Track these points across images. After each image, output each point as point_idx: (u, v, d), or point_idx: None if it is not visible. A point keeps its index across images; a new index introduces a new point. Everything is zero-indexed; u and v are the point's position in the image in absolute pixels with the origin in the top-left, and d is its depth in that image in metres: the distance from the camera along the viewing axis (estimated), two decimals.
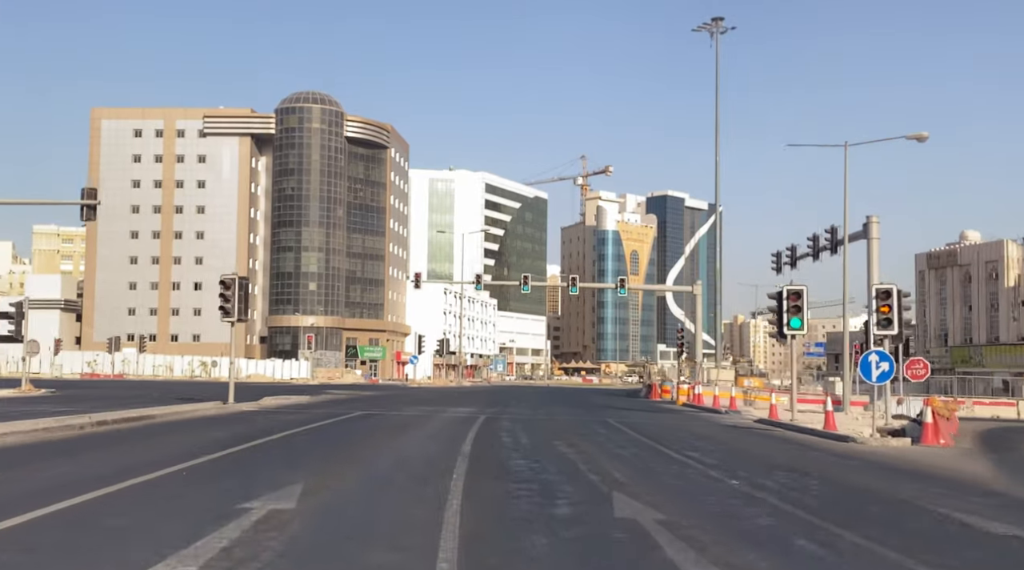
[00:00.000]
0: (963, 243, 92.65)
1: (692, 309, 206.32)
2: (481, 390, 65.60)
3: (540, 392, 61.57)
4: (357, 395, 47.38)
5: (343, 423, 24.13)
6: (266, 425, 21.80)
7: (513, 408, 34.76)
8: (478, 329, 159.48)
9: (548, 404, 40.24)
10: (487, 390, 66.12)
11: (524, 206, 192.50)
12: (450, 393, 55.45)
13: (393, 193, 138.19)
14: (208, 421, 23.10)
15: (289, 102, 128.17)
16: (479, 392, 59.55)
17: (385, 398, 44.31)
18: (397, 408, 32.43)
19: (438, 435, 20.86)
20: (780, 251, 51.67)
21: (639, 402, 44.22)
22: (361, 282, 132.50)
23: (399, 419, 25.93)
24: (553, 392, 64.90)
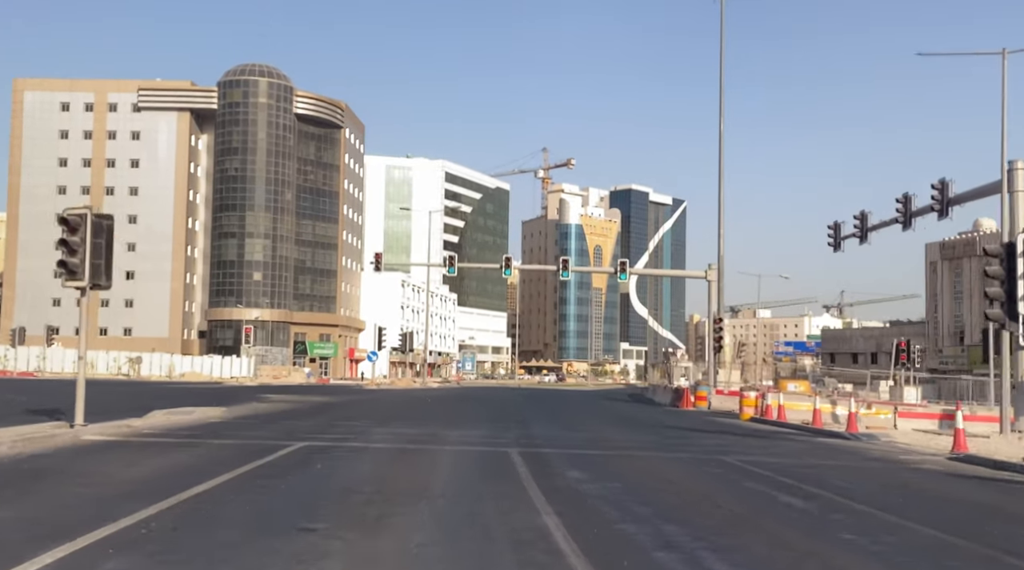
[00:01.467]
0: (978, 232, 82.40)
1: (655, 307, 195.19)
2: (455, 394, 53.25)
3: (527, 397, 49.47)
4: (301, 402, 34.89)
5: (241, 491, 11.30)
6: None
7: (538, 428, 22.61)
8: (437, 325, 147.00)
9: (575, 420, 28.03)
10: (461, 394, 53.80)
11: (485, 197, 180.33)
12: (420, 398, 43.12)
13: (347, 177, 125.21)
14: None
15: (233, 75, 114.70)
16: (455, 397, 47.28)
17: (339, 407, 31.97)
18: (362, 432, 20.05)
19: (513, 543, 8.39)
20: (838, 222, 40.34)
21: (682, 416, 32.17)
22: (311, 272, 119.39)
23: (372, 468, 13.56)
24: (541, 397, 52.91)
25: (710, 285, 52.06)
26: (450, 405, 35.50)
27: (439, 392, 56.18)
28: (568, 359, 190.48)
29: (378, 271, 53.90)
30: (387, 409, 31.00)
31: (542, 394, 56.27)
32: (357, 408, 31.22)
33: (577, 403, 42.78)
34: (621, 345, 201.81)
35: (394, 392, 54.29)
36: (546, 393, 60.98)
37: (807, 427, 25.25)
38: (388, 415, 26.99)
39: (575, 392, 71.84)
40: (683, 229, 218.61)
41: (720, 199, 53.67)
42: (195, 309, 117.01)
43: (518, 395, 53.10)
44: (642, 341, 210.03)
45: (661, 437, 21.17)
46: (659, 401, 43.28)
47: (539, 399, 47.24)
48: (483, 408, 33.73)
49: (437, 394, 51.60)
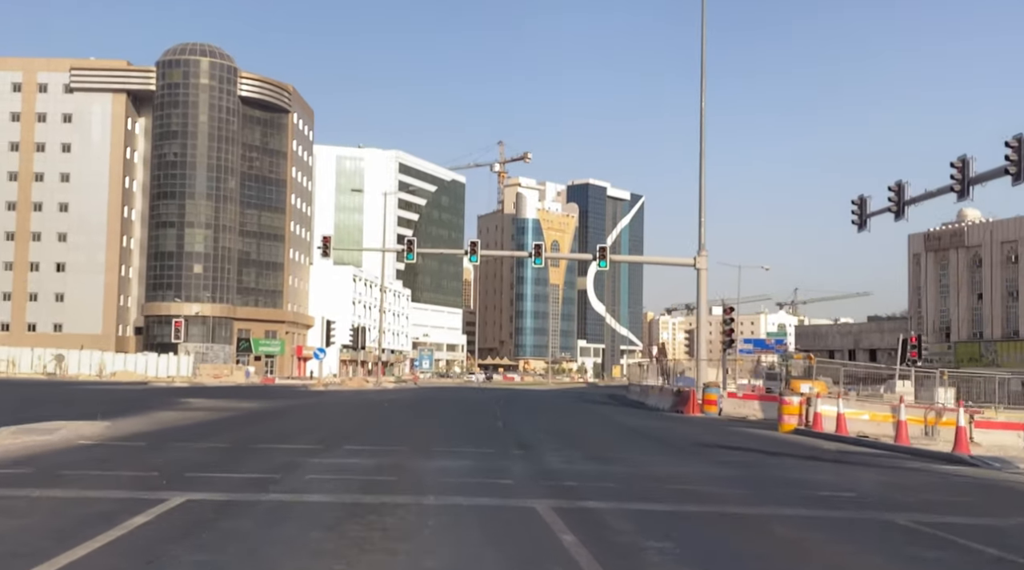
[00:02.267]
0: (962, 223, 77.58)
1: (613, 304, 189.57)
2: (414, 396, 46.31)
3: (500, 400, 42.75)
4: (228, 410, 27.92)
5: None
6: None
7: (549, 455, 15.82)
8: (390, 322, 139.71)
9: (585, 437, 21.34)
10: (421, 396, 46.91)
11: (441, 189, 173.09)
12: (375, 402, 36.34)
13: (295, 165, 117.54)
14: None
15: (173, 54, 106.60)
16: (416, 400, 40.45)
17: (273, 417, 25.14)
18: (291, 465, 13.23)
19: None
20: (864, 196, 34.29)
21: (702, 426, 25.68)
22: (256, 265, 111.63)
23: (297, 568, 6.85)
24: (515, 399, 46.35)
25: (699, 273, 45.74)
26: (413, 413, 28.73)
27: (395, 394, 49.32)
28: (525, 357, 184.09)
29: (326, 256, 46.91)
30: (334, 420, 24.23)
31: (513, 396, 49.64)
32: (295, 419, 24.37)
33: (562, 409, 36.21)
34: (578, 343, 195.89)
35: (344, 394, 47.32)
36: (517, 394, 54.41)
37: (886, 444, 19.03)
38: (334, 431, 20.24)
39: (544, 393, 65.34)
40: (641, 224, 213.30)
41: (701, 186, 47.52)
42: (131, 304, 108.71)
43: (487, 397, 46.45)
44: (599, 339, 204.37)
45: (725, 467, 14.69)
46: (654, 405, 36.87)
47: (516, 403, 40.62)
48: (455, 417, 26.98)
49: (394, 396, 44.78)
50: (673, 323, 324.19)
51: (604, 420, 28.20)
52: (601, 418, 29.24)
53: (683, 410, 31.39)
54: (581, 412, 33.80)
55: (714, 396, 30.49)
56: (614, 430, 23.57)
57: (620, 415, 31.76)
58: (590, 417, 30.29)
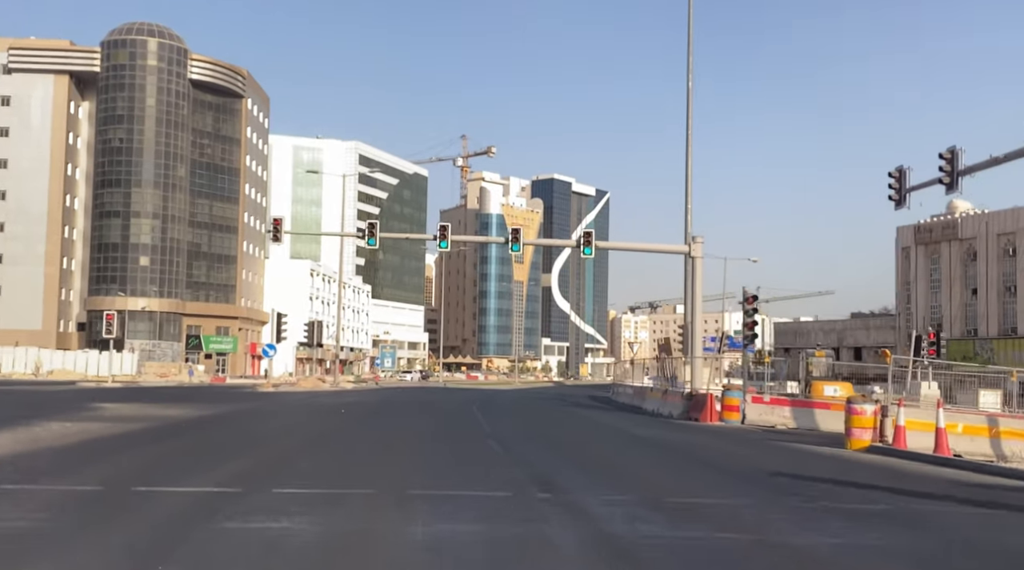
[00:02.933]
0: (954, 215, 73.41)
1: (578, 301, 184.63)
2: (377, 399, 40.44)
3: (480, 403, 37.27)
4: (145, 419, 22.14)
5: None
6: None
7: (584, 492, 10.38)
8: (349, 318, 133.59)
9: (607, 459, 15.89)
10: (385, 399, 41.07)
11: (402, 183, 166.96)
12: (330, 408, 30.71)
13: (250, 153, 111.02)
14: None
15: (119, 34, 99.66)
16: (379, 405, 34.80)
17: (198, 428, 19.49)
18: (183, 535, 7.60)
19: None
20: (903, 167, 29.22)
21: (737, 440, 20.27)
22: (207, 258, 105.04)
23: None
24: (492, 401, 40.97)
25: (693, 262, 40.55)
26: (377, 424, 23.05)
27: (354, 396, 43.54)
28: (488, 355, 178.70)
29: (277, 241, 41.12)
30: (273, 436, 18.58)
31: (488, 398, 44.08)
32: (223, 434, 18.73)
33: (553, 416, 30.65)
34: (543, 341, 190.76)
35: (295, 396, 41.50)
36: (489, 396, 48.83)
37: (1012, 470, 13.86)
38: (268, 455, 14.64)
39: (517, 394, 59.84)
40: (606, 221, 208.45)
41: (688, 169, 42.50)
42: (73, 298, 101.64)
43: (460, 400, 40.90)
44: (563, 337, 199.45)
45: (871, 527, 9.35)
46: (656, 410, 31.42)
47: (494, 407, 35.12)
48: (431, 430, 21.31)
49: (352, 399, 39.04)
50: (636, 321, 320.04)
51: (614, 432, 22.79)
52: (609, 429, 23.84)
53: (698, 417, 26.14)
54: (577, 420, 28.39)
55: (736, 401, 25.28)
56: (640, 447, 18.16)
57: (624, 423, 26.47)
58: (594, 427, 24.90)
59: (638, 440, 19.75)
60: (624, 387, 44.03)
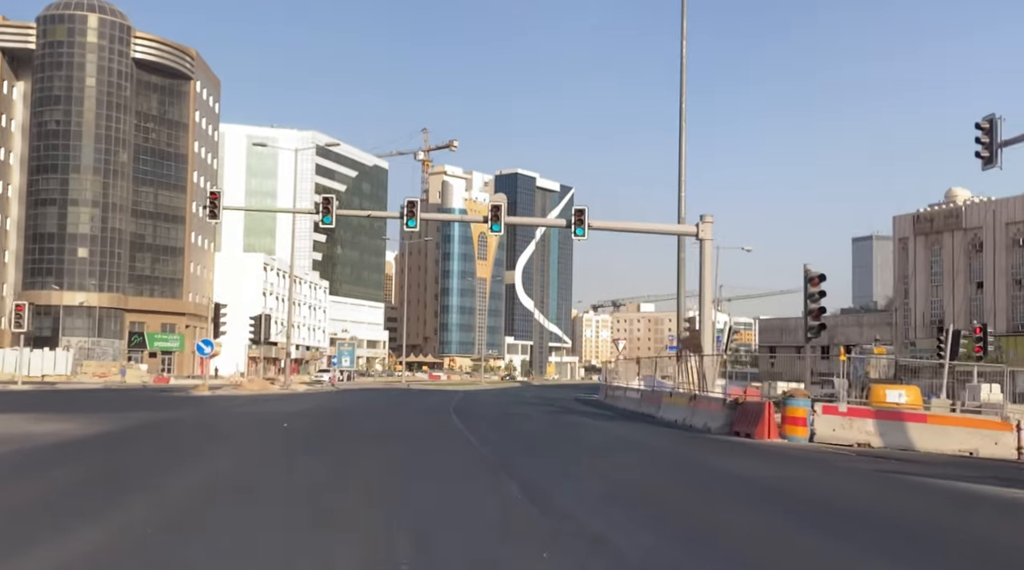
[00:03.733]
0: (953, 203, 68.38)
1: (542, 299, 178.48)
2: (333, 407, 33.79)
3: (460, 412, 30.81)
4: (15, 440, 15.58)
5: None
6: None
7: None
8: (306, 315, 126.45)
9: (671, 506, 9.64)
10: (343, 407, 34.46)
11: (361, 175, 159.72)
12: (270, 420, 24.25)
13: (198, 138, 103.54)
14: None
15: (56, 8, 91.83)
16: (335, 415, 28.33)
17: (53, 463, 13.10)
18: None
19: None
20: (994, 117, 23.41)
21: (853, 475, 14.12)
22: (152, 250, 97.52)
23: None
24: (470, 407, 34.69)
25: (702, 245, 34.85)
26: (330, 451, 16.55)
27: (306, 401, 36.88)
28: (450, 354, 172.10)
29: (214, 218, 34.74)
30: (164, 477, 12.08)
31: (464, 405, 37.68)
32: (84, 473, 12.28)
33: (565, 431, 24.22)
34: (506, 339, 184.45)
35: (234, 403, 34.78)
36: (465, 400, 42.52)
37: None
38: (130, 529, 8.24)
39: (491, 396, 53.42)
40: (571, 216, 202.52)
41: (682, 144, 36.86)
42: (6, 291, 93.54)
43: (433, 407, 34.51)
44: (527, 335, 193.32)
45: None
46: (687, 422, 24.63)
47: (478, 416, 28.78)
48: (415, 463, 14.77)
49: (303, 406, 32.50)
50: (597, 320, 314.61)
51: (674, 461, 16.35)
52: (663, 456, 17.37)
53: (751, 432, 19.93)
54: (600, 437, 21.86)
55: (802, 412, 19.16)
56: (735, 492, 11.92)
57: (660, 441, 20.33)
58: (636, 451, 18.44)
59: (721, 476, 13.52)
60: (623, 390, 38.00)
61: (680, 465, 15.39)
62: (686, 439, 20.55)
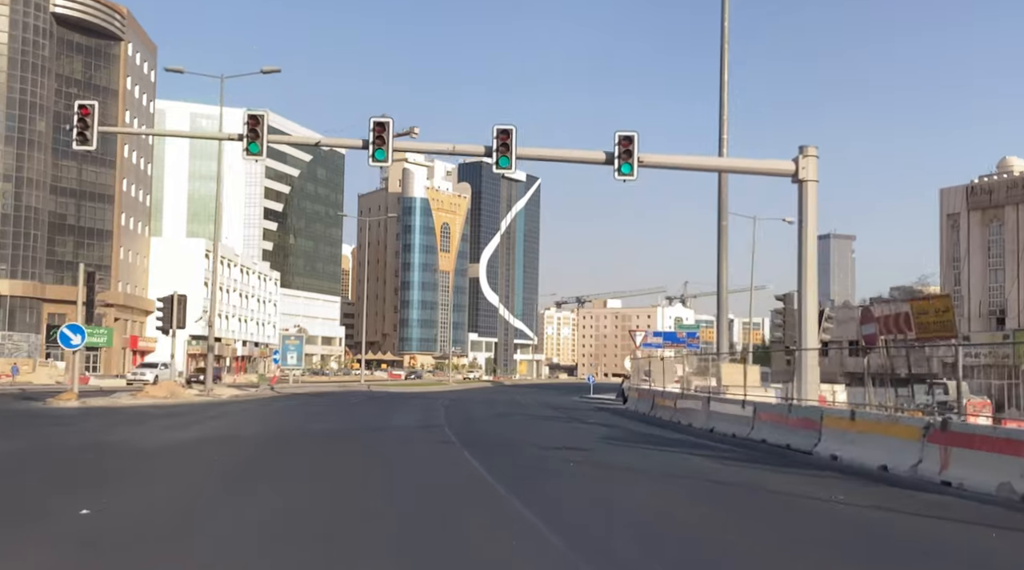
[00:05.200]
0: (1008, 174, 58.63)
1: (507, 294, 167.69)
2: (275, 428, 22.22)
3: (457, 430, 19.83)
4: None
5: None
6: None
7: None
8: (254, 309, 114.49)
9: None
10: (287, 424, 23.04)
11: (316, 159, 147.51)
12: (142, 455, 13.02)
13: (130, 108, 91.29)
14: None
15: None
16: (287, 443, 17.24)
17: None
18: None
19: None
20: None
21: None
22: (75, 233, 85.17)
23: None
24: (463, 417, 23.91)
25: (803, 188, 23.79)
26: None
27: (221, 421, 24.89)
28: (411, 351, 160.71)
29: (85, 144, 23.43)
30: None
31: (457, 414, 26.70)
32: None
33: (598, 464, 13.50)
34: (470, 336, 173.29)
35: (86, 423, 23.10)
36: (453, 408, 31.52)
37: None
38: None
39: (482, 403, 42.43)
40: (537, 208, 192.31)
41: (723, 78, 26.62)
42: None
43: (412, 423, 23.30)
44: (492, 332, 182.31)
45: None
46: (834, 455, 14.07)
47: (506, 448, 17.28)
48: None
49: (209, 431, 21.10)
50: (558, 317, 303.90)
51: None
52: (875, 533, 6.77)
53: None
54: (663, 476, 11.29)
55: None
56: None
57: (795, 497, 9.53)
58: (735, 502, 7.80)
59: None
60: (661, 395, 27.34)
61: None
62: (862, 490, 10.03)
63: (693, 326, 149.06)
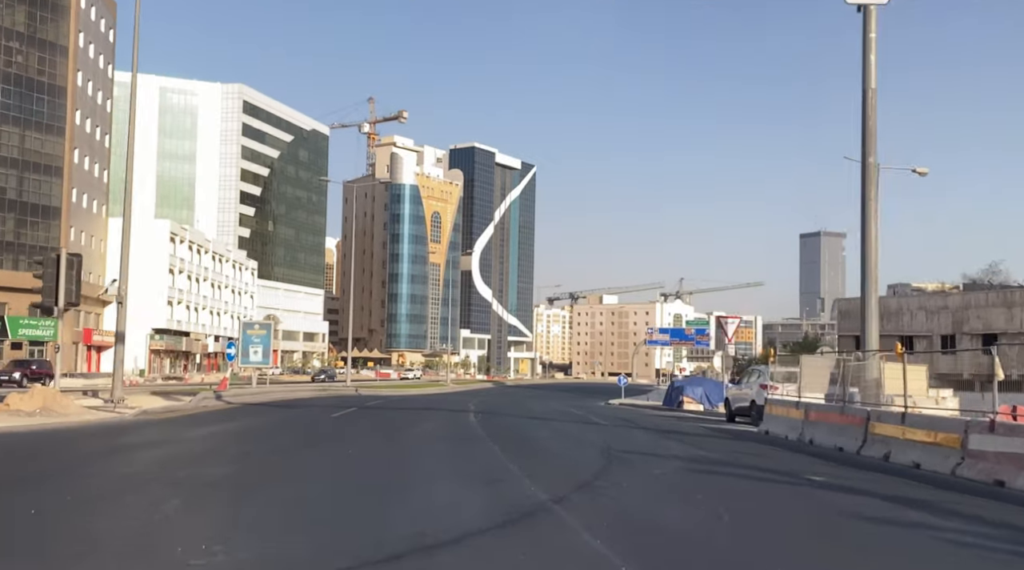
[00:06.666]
0: None
1: (501, 288, 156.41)
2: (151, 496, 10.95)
3: (500, 474, 8.45)
4: None
5: None
6: None
7: None
8: (228, 301, 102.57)
9: None
10: (195, 472, 11.73)
11: (298, 140, 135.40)
12: None
13: (83, 69, 79.26)
14: None
15: None
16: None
17: None
18: None
19: None
20: None
21: None
22: (17, 209, 73.09)
23: None
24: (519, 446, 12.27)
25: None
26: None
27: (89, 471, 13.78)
28: (399, 348, 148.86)
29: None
30: None
31: (528, 448, 15.43)
32: None
33: None
34: (462, 333, 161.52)
35: None
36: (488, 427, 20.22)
37: None
38: None
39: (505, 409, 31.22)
40: (532, 198, 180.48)
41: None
42: None
43: (465, 468, 11.94)
44: (485, 328, 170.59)
45: None
46: None
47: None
48: None
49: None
50: (548, 315, 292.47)
51: None
52: None
53: None
54: None
55: None
56: None
57: None
58: None
59: None
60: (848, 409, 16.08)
61: None
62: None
63: (702, 322, 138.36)
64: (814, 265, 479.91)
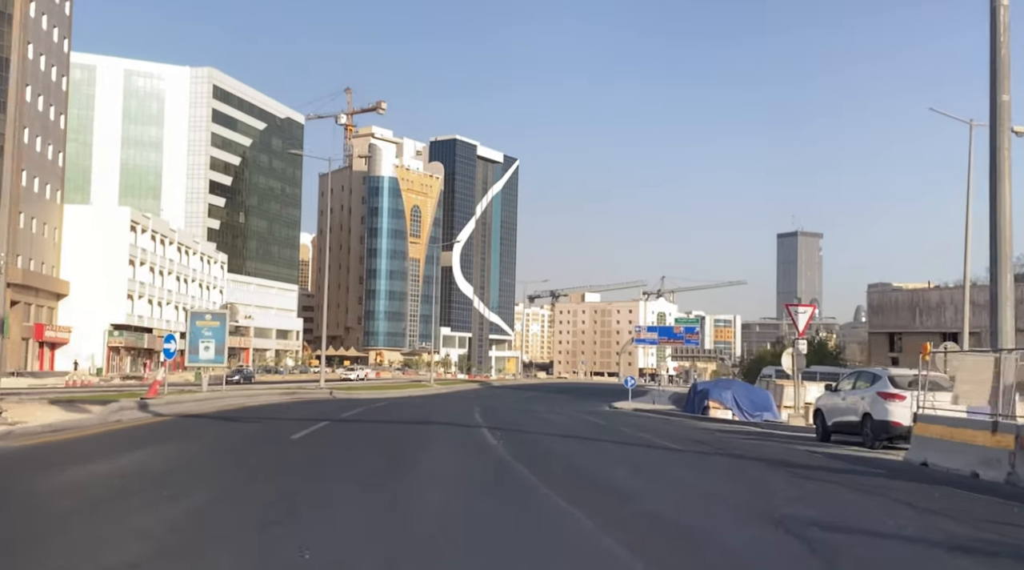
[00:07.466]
0: None
1: (482, 285, 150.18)
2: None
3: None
4: None
5: None
6: None
7: None
8: (195, 296, 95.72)
9: None
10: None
11: (271, 128, 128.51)
12: None
13: (33, 39, 72.40)
14: None
15: None
16: None
17: None
18: None
19: None
20: None
21: None
22: None
23: None
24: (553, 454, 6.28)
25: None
26: None
27: None
28: (377, 347, 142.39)
29: None
30: None
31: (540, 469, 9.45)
32: None
33: None
34: (442, 331, 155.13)
35: None
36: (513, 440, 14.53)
37: None
38: None
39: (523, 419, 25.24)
40: (515, 192, 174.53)
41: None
42: None
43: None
44: (466, 326, 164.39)
45: None
46: None
47: None
48: None
49: None
50: (528, 313, 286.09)
51: None
52: None
53: None
54: None
55: None
56: None
57: None
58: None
59: None
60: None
61: None
62: None
63: (692, 320, 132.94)
64: (791, 265, 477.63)
